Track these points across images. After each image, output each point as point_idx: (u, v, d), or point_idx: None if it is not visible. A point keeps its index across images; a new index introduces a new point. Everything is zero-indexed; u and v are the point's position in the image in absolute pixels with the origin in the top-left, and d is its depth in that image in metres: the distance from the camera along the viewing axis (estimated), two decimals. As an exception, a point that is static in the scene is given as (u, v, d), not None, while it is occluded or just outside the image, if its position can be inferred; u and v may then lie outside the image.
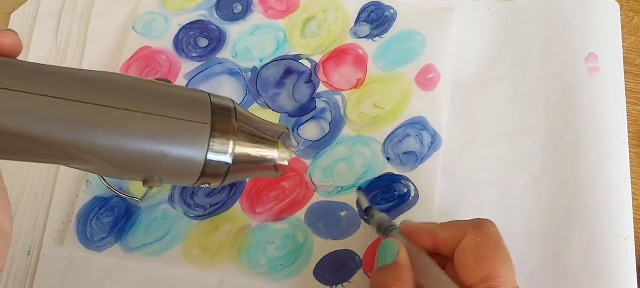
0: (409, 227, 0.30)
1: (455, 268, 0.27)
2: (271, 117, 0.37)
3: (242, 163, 0.24)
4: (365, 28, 0.40)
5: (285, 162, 0.26)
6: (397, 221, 0.32)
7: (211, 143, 0.22)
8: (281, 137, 0.25)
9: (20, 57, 0.20)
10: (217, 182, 0.24)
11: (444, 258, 0.28)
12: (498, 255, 0.25)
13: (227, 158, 0.23)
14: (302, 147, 0.36)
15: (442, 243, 0.28)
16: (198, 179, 0.23)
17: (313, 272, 0.33)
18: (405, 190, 0.35)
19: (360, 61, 0.39)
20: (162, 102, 0.21)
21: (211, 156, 0.22)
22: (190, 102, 0.22)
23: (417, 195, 0.35)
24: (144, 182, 0.22)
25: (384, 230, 0.30)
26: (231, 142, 0.23)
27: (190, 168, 0.22)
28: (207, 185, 0.24)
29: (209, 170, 0.23)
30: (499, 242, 0.26)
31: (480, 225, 0.27)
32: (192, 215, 0.35)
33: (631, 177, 0.35)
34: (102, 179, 0.33)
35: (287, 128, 0.26)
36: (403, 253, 0.27)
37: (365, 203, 0.34)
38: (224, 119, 0.23)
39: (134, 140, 0.20)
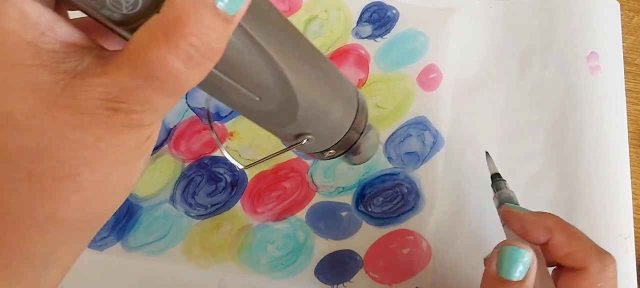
0: (518, 217, 0.26)
1: None
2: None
3: (356, 142, 0.25)
4: (368, 28, 0.40)
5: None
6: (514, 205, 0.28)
7: (358, 111, 0.23)
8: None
9: None
10: (337, 154, 0.25)
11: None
12: None
13: (357, 134, 0.24)
14: (303, 147, 0.36)
15: (554, 249, 0.24)
16: (335, 144, 0.24)
17: (314, 271, 0.33)
18: (407, 190, 0.35)
19: (362, 61, 0.39)
20: (334, 68, 0.23)
21: (354, 124, 0.23)
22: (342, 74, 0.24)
23: (418, 195, 0.35)
24: (297, 137, 0.22)
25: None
26: (364, 119, 0.24)
27: (338, 129, 0.23)
28: (326, 155, 0.25)
29: (346, 137, 0.23)
30: None
31: (605, 265, 0.23)
32: (193, 214, 0.35)
33: (631, 177, 0.35)
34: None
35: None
36: (534, 271, 0.23)
37: (494, 169, 0.31)
38: (360, 98, 0.24)
39: (323, 83, 0.21)
